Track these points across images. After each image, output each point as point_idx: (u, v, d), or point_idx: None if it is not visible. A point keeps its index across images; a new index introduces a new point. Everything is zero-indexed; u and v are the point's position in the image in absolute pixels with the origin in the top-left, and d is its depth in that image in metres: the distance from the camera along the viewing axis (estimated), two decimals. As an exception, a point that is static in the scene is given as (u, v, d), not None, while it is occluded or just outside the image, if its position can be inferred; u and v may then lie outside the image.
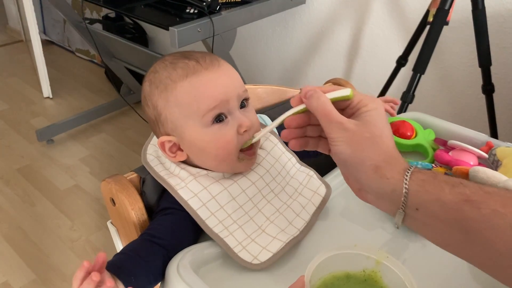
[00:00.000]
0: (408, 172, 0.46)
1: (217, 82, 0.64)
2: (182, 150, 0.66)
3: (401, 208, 0.46)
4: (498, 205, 0.41)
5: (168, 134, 0.66)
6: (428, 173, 0.46)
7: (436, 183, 0.45)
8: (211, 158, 0.65)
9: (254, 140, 0.64)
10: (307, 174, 0.73)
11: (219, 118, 0.63)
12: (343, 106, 0.52)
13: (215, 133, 0.63)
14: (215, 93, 0.63)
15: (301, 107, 0.52)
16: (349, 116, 0.51)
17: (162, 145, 0.66)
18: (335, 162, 0.51)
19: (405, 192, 0.45)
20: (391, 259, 0.44)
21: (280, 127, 0.56)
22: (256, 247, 0.60)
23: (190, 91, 0.63)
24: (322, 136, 0.54)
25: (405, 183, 0.45)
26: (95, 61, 2.88)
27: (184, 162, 0.68)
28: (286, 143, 0.75)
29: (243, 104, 0.66)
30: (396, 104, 0.87)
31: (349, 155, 0.48)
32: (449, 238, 0.45)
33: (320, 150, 0.54)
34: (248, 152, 0.65)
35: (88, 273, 0.50)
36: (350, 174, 0.50)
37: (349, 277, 0.45)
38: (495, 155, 0.77)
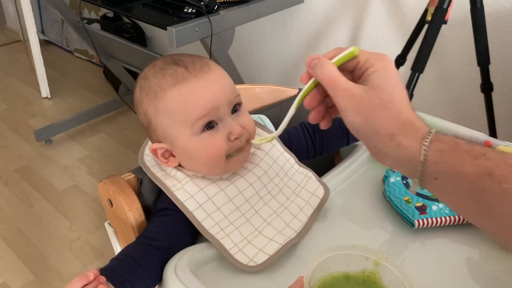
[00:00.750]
0: (426, 141, 0.43)
1: (207, 89, 0.62)
2: (174, 156, 0.66)
3: (417, 177, 0.44)
4: None
5: (159, 141, 0.66)
6: (449, 142, 0.43)
7: (457, 154, 0.42)
8: (201, 165, 0.64)
9: (275, 134, 0.56)
10: (305, 175, 0.72)
11: (209, 126, 0.62)
12: (351, 68, 0.48)
13: (205, 140, 0.62)
14: (204, 102, 0.61)
15: (311, 82, 0.48)
16: (358, 78, 0.47)
17: (154, 152, 0.66)
18: (349, 130, 0.48)
19: (422, 163, 0.43)
20: (390, 260, 0.44)
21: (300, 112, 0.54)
22: (253, 249, 0.60)
23: (179, 99, 0.62)
24: None
25: (423, 154, 0.43)
26: (94, 61, 2.88)
27: (180, 165, 0.67)
28: (289, 144, 0.75)
29: (235, 109, 0.65)
30: None
31: (361, 124, 0.45)
32: (465, 207, 0.43)
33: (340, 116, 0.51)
34: (239, 149, 0.64)
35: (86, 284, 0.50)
36: (366, 142, 0.47)
37: (348, 278, 0.44)
38: (494, 154, 0.76)
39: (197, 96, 0.62)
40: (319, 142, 0.80)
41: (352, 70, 0.48)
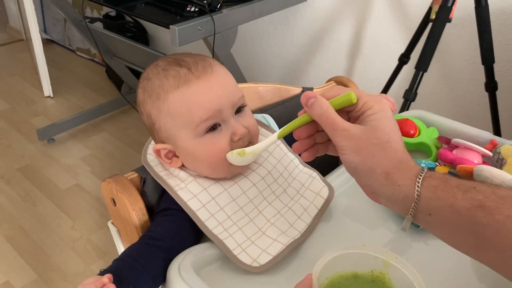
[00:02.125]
0: (419, 178, 0.45)
1: (210, 92, 0.62)
2: (177, 157, 0.66)
3: (410, 214, 0.45)
4: None
5: (163, 142, 0.65)
6: (440, 178, 0.45)
7: (448, 189, 0.44)
8: (205, 166, 0.64)
9: (248, 162, 0.62)
10: (309, 175, 0.72)
11: (212, 127, 0.62)
12: (348, 109, 0.50)
13: (208, 142, 0.62)
14: (207, 104, 0.61)
15: (304, 117, 0.50)
16: (355, 119, 0.49)
17: (157, 152, 0.65)
18: (345, 168, 0.50)
19: (416, 199, 0.45)
20: (400, 260, 0.44)
21: (288, 137, 0.55)
22: (256, 249, 0.60)
23: (182, 102, 0.61)
24: (330, 141, 0.52)
25: (417, 190, 0.44)
26: (96, 60, 2.88)
27: (183, 165, 0.67)
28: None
29: (239, 110, 0.65)
30: (393, 110, 0.85)
31: (358, 163, 0.47)
32: (461, 241, 0.44)
33: (330, 153, 0.54)
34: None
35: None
36: (361, 181, 0.49)
37: (357, 277, 0.44)
38: (499, 153, 0.76)
39: (200, 98, 0.61)
40: None
41: (349, 111, 0.50)
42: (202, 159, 0.63)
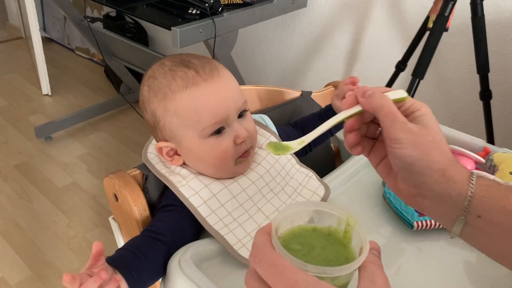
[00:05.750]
0: (473, 176, 0.44)
1: (217, 95, 0.63)
2: (179, 155, 0.67)
3: (463, 214, 0.44)
4: None
5: (165, 140, 0.67)
6: (492, 180, 0.45)
7: (501, 190, 0.43)
8: (209, 166, 0.66)
9: (300, 146, 0.53)
10: (306, 174, 0.73)
11: (218, 131, 0.64)
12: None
13: (213, 144, 0.64)
14: (215, 108, 0.63)
15: (356, 109, 0.48)
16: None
17: (159, 150, 0.67)
18: (395, 167, 0.47)
19: (470, 196, 0.43)
20: (354, 218, 0.46)
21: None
22: None
23: (190, 103, 0.63)
24: (376, 139, 0.52)
25: (471, 187, 0.44)
26: (95, 59, 2.88)
27: (184, 163, 0.68)
28: (291, 137, 0.76)
29: (241, 114, 0.67)
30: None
31: (416, 158, 0.45)
32: (507, 248, 0.43)
33: (371, 158, 0.52)
34: (243, 154, 0.66)
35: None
36: (412, 179, 0.47)
37: (315, 230, 0.46)
38: (492, 160, 0.78)
39: (208, 101, 0.63)
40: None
41: None
42: (207, 159, 0.65)
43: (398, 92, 0.49)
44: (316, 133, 0.50)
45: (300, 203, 0.47)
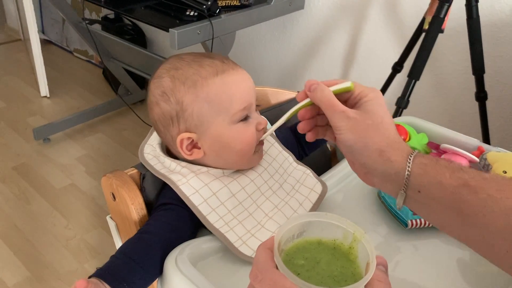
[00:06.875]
0: (411, 156, 0.49)
1: (245, 83, 0.67)
2: (199, 148, 0.67)
3: (403, 189, 0.49)
4: (494, 191, 0.44)
5: (188, 131, 0.66)
6: (430, 158, 0.49)
7: (438, 168, 0.47)
8: (234, 154, 0.67)
9: (263, 137, 0.68)
10: (303, 172, 0.74)
11: (245, 117, 0.67)
12: (345, 98, 0.55)
13: (241, 129, 0.66)
14: (245, 94, 0.66)
15: (306, 101, 0.55)
16: (351, 107, 0.53)
17: (181, 142, 0.66)
18: (341, 150, 0.54)
19: (407, 174, 0.48)
20: (361, 231, 0.44)
21: (285, 125, 0.59)
22: (256, 241, 0.62)
23: (222, 88, 0.65)
24: (328, 125, 0.57)
25: (408, 166, 0.48)
26: (93, 61, 2.89)
27: (186, 161, 0.69)
28: (286, 144, 0.78)
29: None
30: None
31: (354, 141, 0.50)
32: (447, 219, 0.47)
33: (327, 138, 0.58)
34: (260, 143, 0.69)
35: None
36: (356, 160, 0.53)
37: (320, 244, 0.46)
38: (486, 159, 0.79)
39: (239, 87, 0.66)
40: (305, 142, 0.84)
41: (346, 100, 0.55)
42: (234, 145, 0.66)
43: (343, 83, 0.54)
44: (273, 129, 0.62)
45: (304, 214, 0.47)
